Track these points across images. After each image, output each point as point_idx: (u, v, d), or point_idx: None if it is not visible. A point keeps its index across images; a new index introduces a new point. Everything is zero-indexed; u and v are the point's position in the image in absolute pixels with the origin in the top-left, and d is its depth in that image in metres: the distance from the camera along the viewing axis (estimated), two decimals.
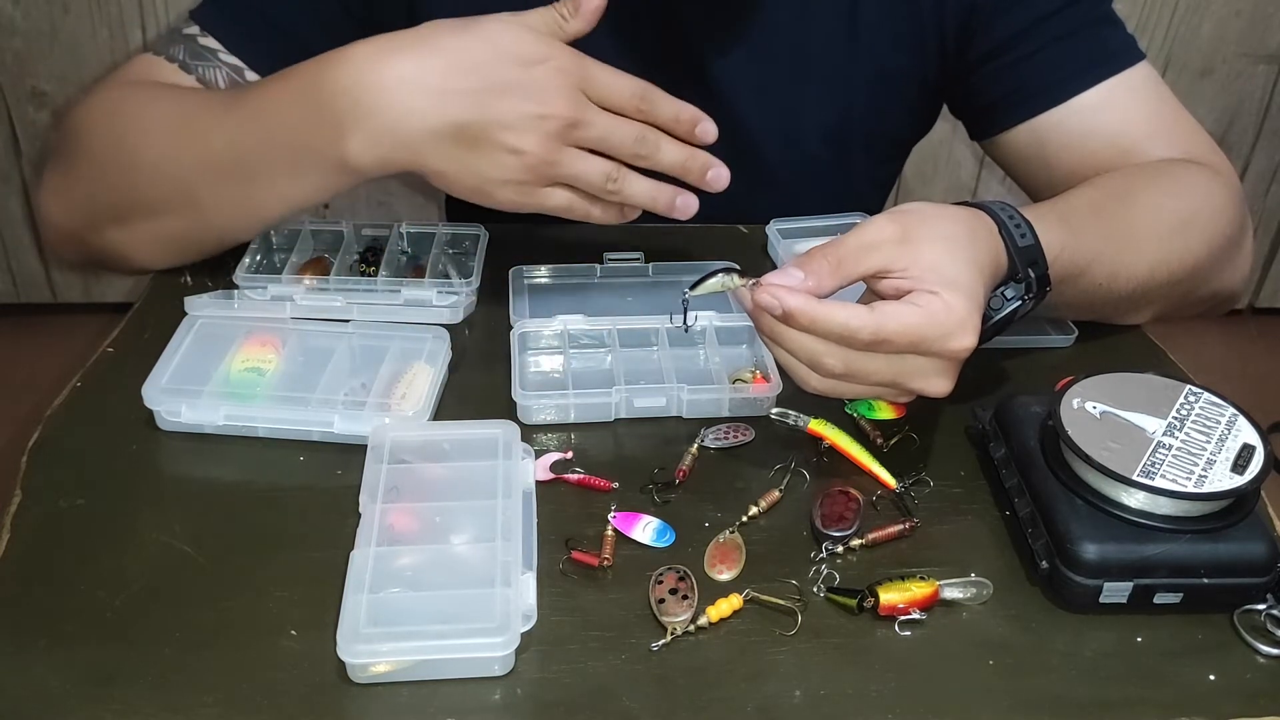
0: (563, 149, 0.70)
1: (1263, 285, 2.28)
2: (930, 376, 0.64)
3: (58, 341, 2.04)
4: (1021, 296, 0.68)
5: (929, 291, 0.62)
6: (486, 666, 0.55)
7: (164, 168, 0.77)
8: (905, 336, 0.61)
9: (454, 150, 0.69)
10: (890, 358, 0.63)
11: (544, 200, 0.72)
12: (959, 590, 0.61)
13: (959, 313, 0.61)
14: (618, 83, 0.71)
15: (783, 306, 0.62)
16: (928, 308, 0.61)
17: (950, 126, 0.99)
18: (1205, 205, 0.82)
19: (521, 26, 0.70)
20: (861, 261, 0.63)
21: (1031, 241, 0.68)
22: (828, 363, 0.63)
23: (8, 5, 1.84)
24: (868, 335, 0.61)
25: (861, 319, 0.61)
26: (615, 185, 0.72)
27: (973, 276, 0.63)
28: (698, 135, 0.73)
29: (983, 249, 0.65)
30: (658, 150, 0.72)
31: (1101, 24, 0.88)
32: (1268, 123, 2.12)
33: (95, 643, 0.56)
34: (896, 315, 0.61)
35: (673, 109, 0.73)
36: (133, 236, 0.82)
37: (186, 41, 0.85)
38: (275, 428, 0.70)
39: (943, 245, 0.64)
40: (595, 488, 0.67)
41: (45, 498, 0.65)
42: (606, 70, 0.71)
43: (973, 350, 0.62)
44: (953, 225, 0.65)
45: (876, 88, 0.94)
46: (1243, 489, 0.59)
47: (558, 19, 0.71)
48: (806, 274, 0.63)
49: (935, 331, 0.61)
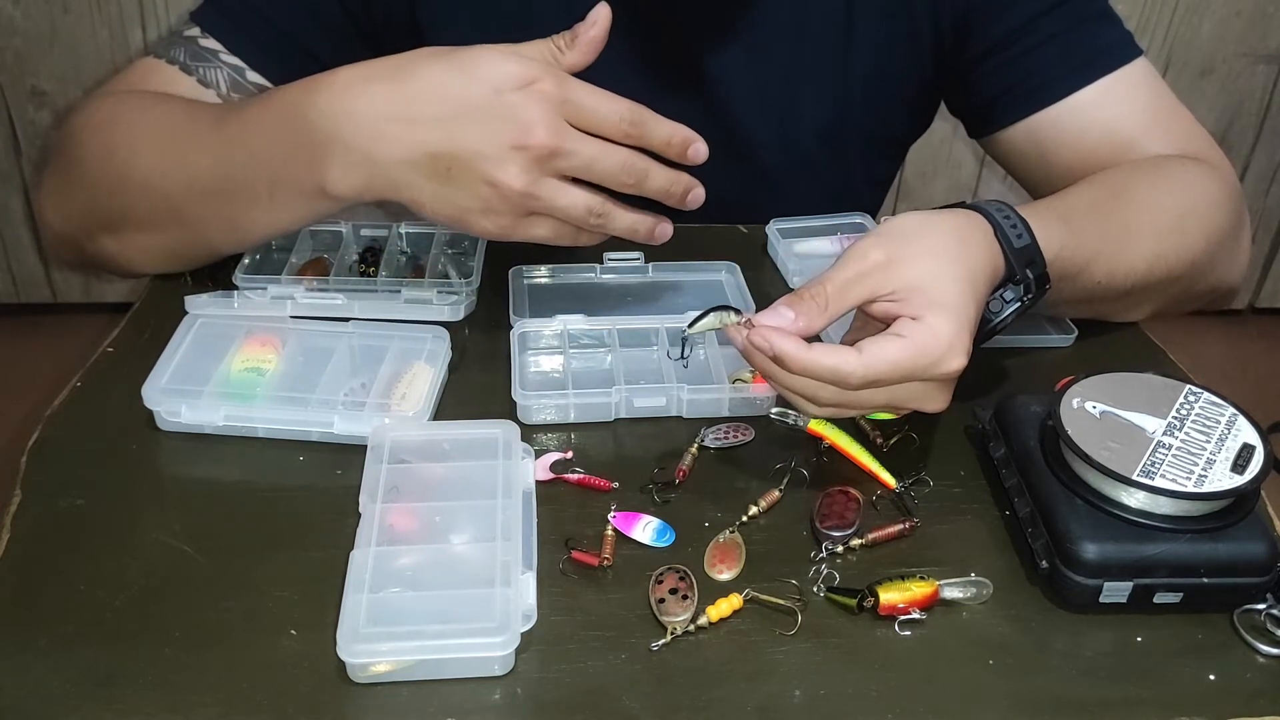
0: (542, 180, 0.67)
1: (1263, 285, 2.28)
2: (925, 398, 0.64)
3: (58, 341, 2.04)
4: (1020, 298, 0.68)
5: (912, 319, 0.62)
6: (486, 666, 0.55)
7: (152, 184, 0.77)
8: (896, 372, 0.61)
9: (429, 180, 0.68)
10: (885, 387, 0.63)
11: (526, 230, 0.70)
12: (959, 590, 0.61)
13: (946, 337, 0.62)
14: (605, 107, 0.68)
15: (774, 350, 0.62)
16: (914, 338, 0.61)
17: (950, 126, 0.99)
18: (1202, 200, 0.82)
19: (507, 54, 0.68)
20: (849, 295, 0.64)
21: (1028, 241, 0.68)
22: (824, 395, 0.63)
23: (8, 5, 1.84)
24: (858, 380, 0.61)
25: (851, 365, 0.61)
26: (599, 221, 0.70)
27: (961, 291, 0.63)
28: (689, 157, 0.70)
29: (975, 255, 0.65)
30: (645, 178, 0.69)
31: (1098, 20, 0.88)
32: (1268, 122, 2.12)
33: (95, 643, 0.56)
34: (884, 355, 0.61)
35: (665, 132, 0.69)
36: (125, 245, 0.82)
37: (187, 43, 0.86)
38: (275, 428, 0.70)
39: (929, 262, 0.63)
40: (595, 488, 0.67)
41: (45, 498, 0.65)
42: (593, 94, 0.68)
43: (964, 368, 0.63)
44: (941, 238, 0.65)
45: (873, 87, 0.94)
46: (1243, 489, 0.59)
47: (554, 50, 0.69)
48: (796, 314, 0.63)
49: (924, 361, 0.61)
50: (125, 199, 0.79)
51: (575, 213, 0.69)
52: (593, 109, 0.67)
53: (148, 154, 0.77)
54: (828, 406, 0.64)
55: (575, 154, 0.67)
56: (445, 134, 0.67)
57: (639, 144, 0.69)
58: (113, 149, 0.79)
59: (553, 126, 0.66)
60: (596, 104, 0.68)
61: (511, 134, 0.66)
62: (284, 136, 0.71)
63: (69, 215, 0.84)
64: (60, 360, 1.84)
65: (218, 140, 0.74)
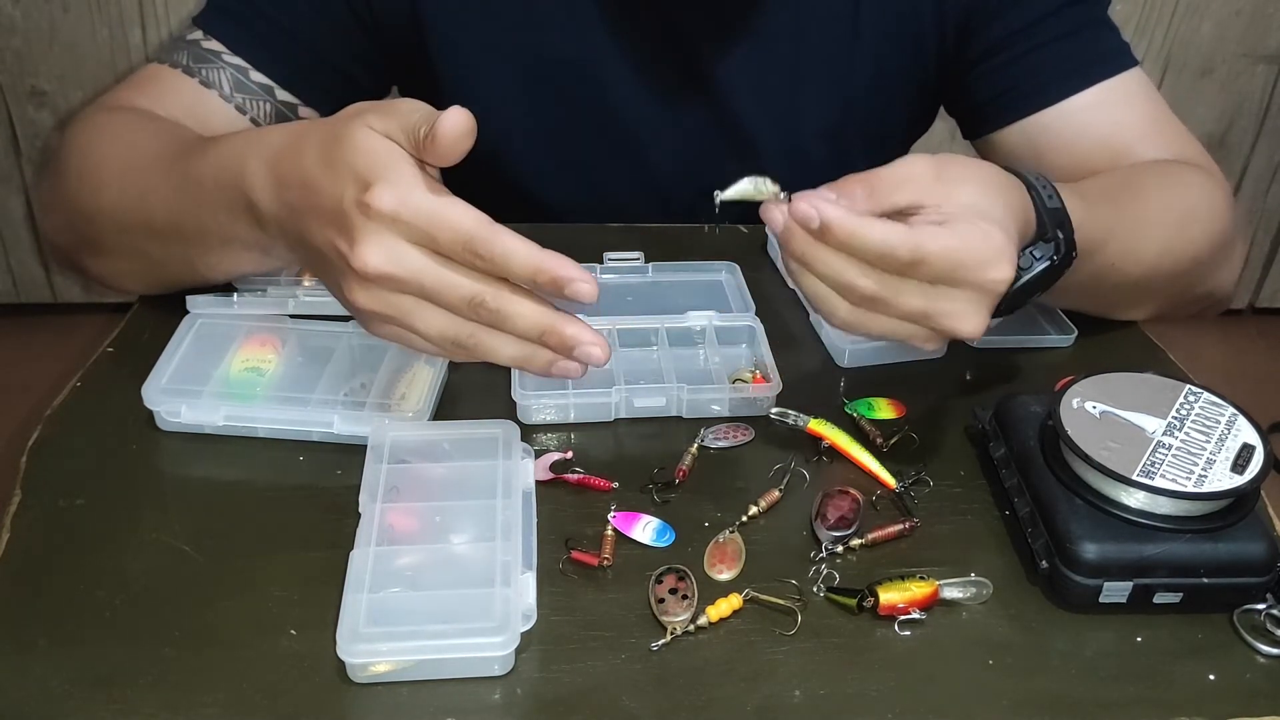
0: (389, 297, 0.57)
1: (1263, 285, 2.28)
2: (963, 311, 0.60)
3: (58, 341, 2.04)
4: (1050, 257, 0.65)
5: (967, 222, 0.59)
6: (486, 666, 0.55)
7: (116, 219, 0.76)
8: (944, 259, 0.58)
9: (314, 269, 0.63)
10: (925, 287, 0.60)
11: (395, 339, 0.60)
12: (959, 590, 0.61)
13: (997, 241, 0.59)
14: (443, 231, 0.55)
15: (821, 218, 0.57)
16: (967, 234, 0.59)
17: (950, 127, 0.99)
18: (1205, 203, 0.83)
19: (364, 144, 0.57)
20: (896, 192, 0.60)
21: (1059, 204, 0.66)
22: (861, 284, 0.59)
23: (7, 5, 1.84)
24: (906, 253, 0.57)
25: (901, 235, 0.58)
26: (465, 350, 0.59)
27: (1006, 216, 0.61)
28: (570, 296, 0.56)
29: (1014, 200, 0.64)
30: (504, 319, 0.57)
31: (1097, 27, 0.88)
32: (1268, 123, 2.12)
33: (95, 643, 0.56)
34: (936, 236, 0.58)
35: (527, 264, 0.55)
36: (104, 268, 0.81)
37: (190, 47, 0.86)
38: (275, 428, 0.70)
39: (977, 186, 0.62)
40: (595, 488, 0.67)
41: (45, 498, 0.65)
42: (432, 212, 0.55)
43: (1009, 284, 0.60)
44: (984, 173, 0.64)
45: (876, 87, 0.94)
46: (1242, 489, 0.59)
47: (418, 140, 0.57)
48: (840, 195, 0.60)
49: (974, 257, 0.58)
50: (96, 227, 0.78)
51: (434, 339, 0.58)
52: (425, 231, 0.55)
53: (112, 188, 0.76)
54: (860, 306, 0.60)
55: (408, 283, 0.56)
56: (304, 229, 0.60)
57: (496, 273, 0.56)
58: (84, 175, 0.79)
59: (383, 251, 0.55)
60: (431, 226, 0.55)
61: (347, 253, 0.56)
62: (225, 197, 0.67)
63: (58, 229, 0.85)
64: (60, 360, 1.84)
65: (171, 189, 0.72)
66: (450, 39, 0.92)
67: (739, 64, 0.92)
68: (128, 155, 0.77)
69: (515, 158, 0.97)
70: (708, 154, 0.96)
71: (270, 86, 0.86)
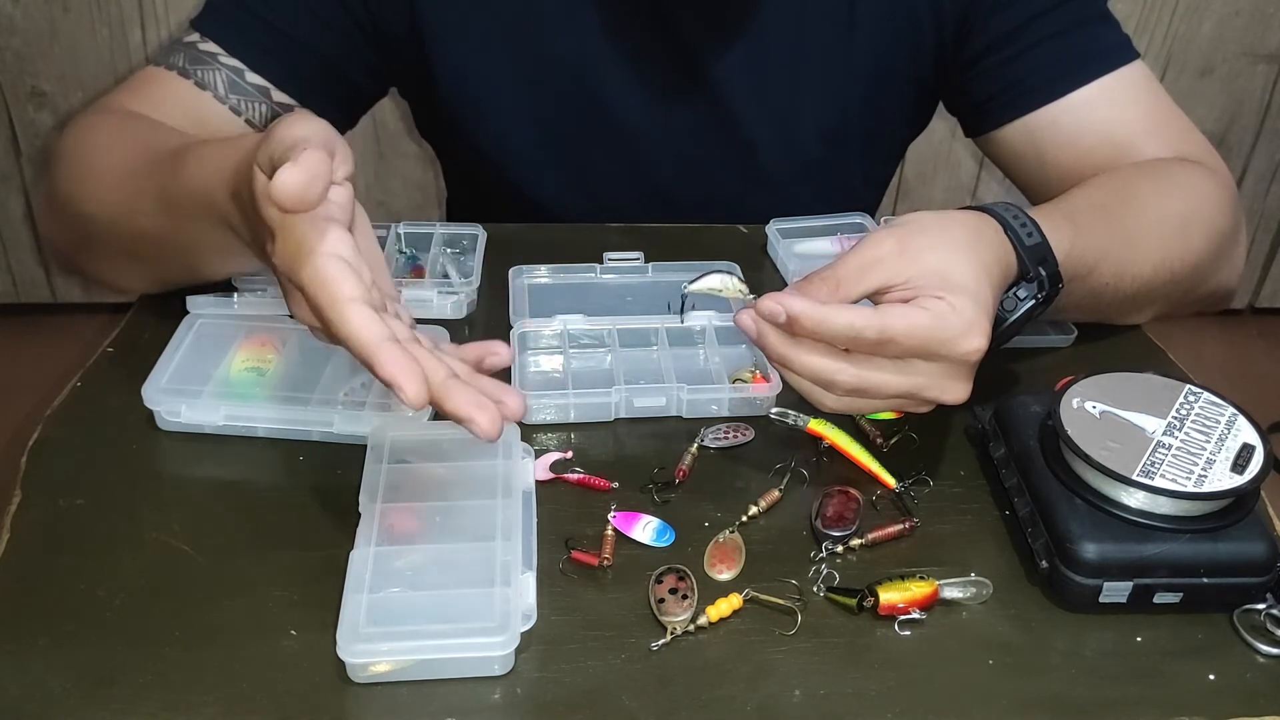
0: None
1: (1263, 285, 2.28)
2: (945, 383, 0.62)
3: (58, 341, 2.04)
4: (1034, 296, 0.67)
5: (933, 297, 0.61)
6: (486, 666, 0.55)
7: (112, 225, 0.76)
8: (912, 337, 0.60)
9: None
10: (902, 367, 0.62)
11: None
12: (959, 590, 0.61)
13: (966, 314, 0.61)
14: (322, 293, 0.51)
15: (786, 311, 0.60)
16: (933, 310, 0.60)
17: (950, 126, 0.99)
18: (1204, 205, 0.82)
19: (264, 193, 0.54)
20: (862, 280, 0.62)
21: (1039, 240, 0.67)
22: (840, 379, 0.62)
23: (7, 5, 1.84)
24: (873, 334, 0.60)
25: (865, 318, 0.60)
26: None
27: (978, 278, 0.62)
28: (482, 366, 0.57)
29: (988, 251, 0.65)
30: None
31: (1096, 22, 0.88)
32: (1268, 122, 2.12)
33: (95, 643, 0.56)
34: (902, 315, 0.60)
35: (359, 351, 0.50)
36: (102, 269, 0.82)
37: (186, 49, 0.86)
38: (275, 428, 0.70)
39: (944, 251, 0.62)
40: (595, 487, 0.67)
41: (45, 498, 0.65)
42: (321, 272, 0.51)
43: (984, 352, 0.62)
44: (955, 230, 0.64)
45: (874, 87, 0.94)
46: (1242, 489, 0.59)
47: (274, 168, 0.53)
48: (805, 295, 0.61)
49: (943, 334, 0.60)
50: (91, 230, 0.78)
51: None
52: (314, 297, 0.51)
53: (103, 195, 0.76)
54: (845, 396, 0.63)
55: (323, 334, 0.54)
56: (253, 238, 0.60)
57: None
58: (77, 180, 0.79)
59: (301, 308, 0.54)
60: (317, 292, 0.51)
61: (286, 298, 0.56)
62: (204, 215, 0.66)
63: (55, 229, 0.85)
64: (60, 360, 1.84)
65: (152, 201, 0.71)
66: (449, 41, 0.92)
67: (737, 64, 0.92)
68: (117, 162, 0.77)
69: (514, 158, 0.97)
70: (707, 154, 0.96)
71: (266, 88, 0.86)
